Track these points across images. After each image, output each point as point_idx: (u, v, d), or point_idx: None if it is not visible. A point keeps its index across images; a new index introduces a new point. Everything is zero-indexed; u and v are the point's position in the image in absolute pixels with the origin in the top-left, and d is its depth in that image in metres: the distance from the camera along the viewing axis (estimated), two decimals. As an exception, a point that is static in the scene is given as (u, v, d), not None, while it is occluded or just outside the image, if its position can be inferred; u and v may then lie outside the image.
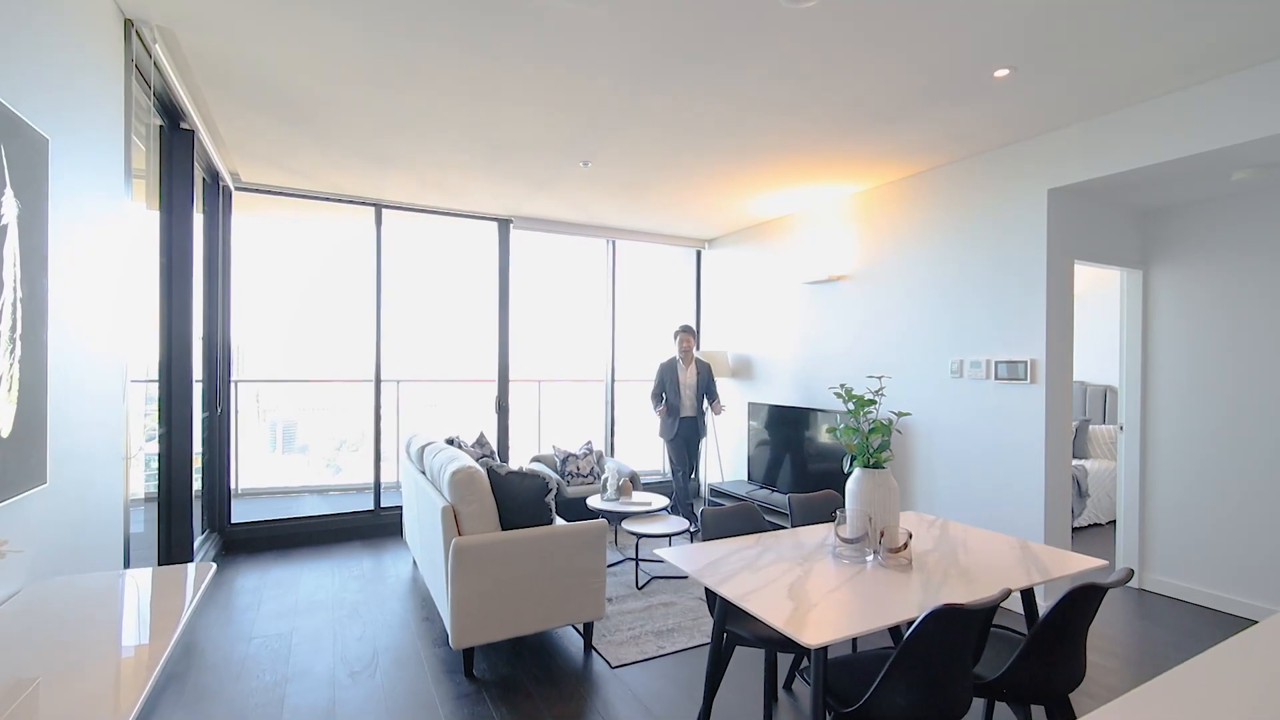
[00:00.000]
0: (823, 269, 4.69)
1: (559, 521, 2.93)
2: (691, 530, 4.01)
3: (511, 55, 2.58)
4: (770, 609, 1.63)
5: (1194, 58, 2.49)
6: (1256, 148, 2.64)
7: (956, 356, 3.77)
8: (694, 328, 5.27)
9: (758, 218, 5.28)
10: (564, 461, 5.25)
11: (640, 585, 3.70)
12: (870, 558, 2.04)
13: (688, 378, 5.10)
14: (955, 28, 2.30)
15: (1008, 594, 1.53)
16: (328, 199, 4.61)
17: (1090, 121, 3.09)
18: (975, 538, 2.35)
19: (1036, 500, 3.34)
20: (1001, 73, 2.62)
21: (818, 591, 1.77)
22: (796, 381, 5.05)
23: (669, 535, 3.72)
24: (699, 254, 6.32)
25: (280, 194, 4.46)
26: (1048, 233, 3.30)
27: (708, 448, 5.99)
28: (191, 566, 1.70)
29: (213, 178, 3.97)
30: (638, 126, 3.31)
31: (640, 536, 3.75)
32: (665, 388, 5.10)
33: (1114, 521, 4.99)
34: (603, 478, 4.32)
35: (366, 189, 4.49)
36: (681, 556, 2.09)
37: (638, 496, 4.29)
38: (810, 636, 1.46)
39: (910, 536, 1.98)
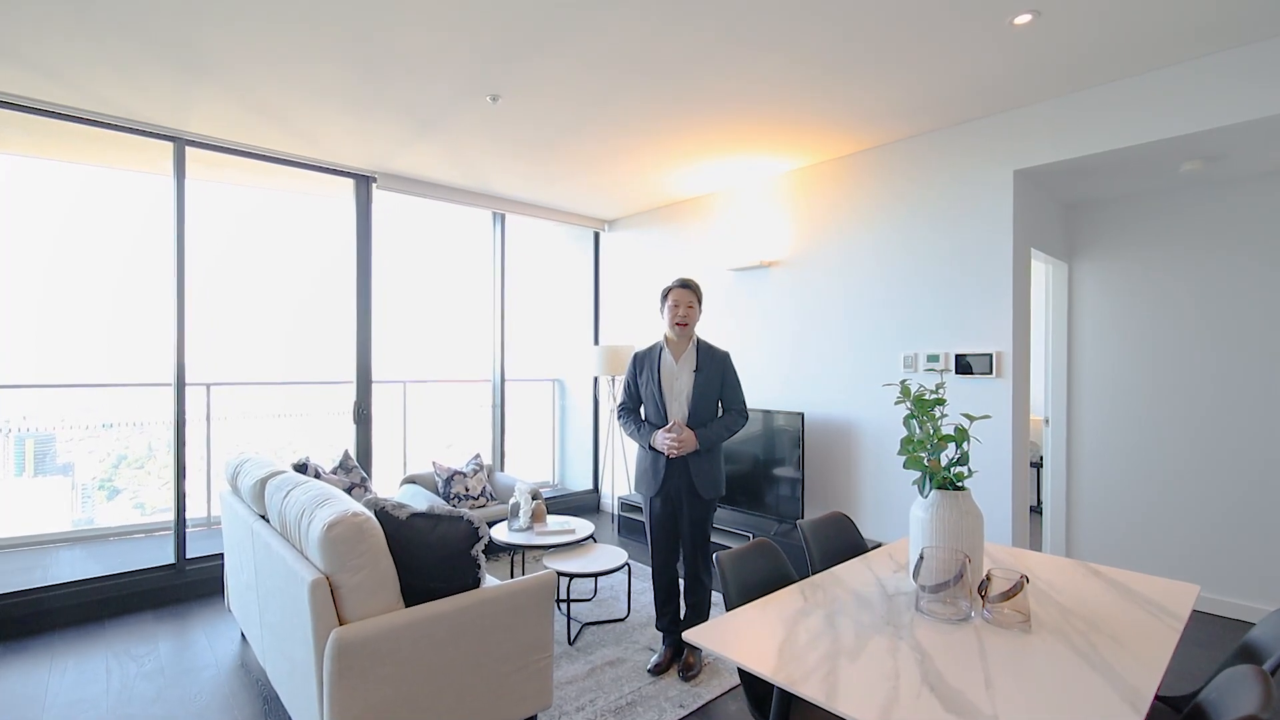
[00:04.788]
0: (753, 254, 4.23)
1: (489, 581, 2.08)
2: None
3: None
4: (954, 744, 1.01)
5: (1198, 28, 2.33)
6: (1237, 132, 2.56)
7: (909, 349, 3.48)
8: (696, 284, 2.73)
9: (674, 196, 4.70)
10: (448, 481, 4.26)
11: (573, 639, 2.93)
12: (973, 613, 1.52)
13: (679, 377, 2.66)
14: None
15: (1270, 682, 1.07)
16: (97, 123, 3.17)
17: (1066, 98, 2.90)
18: (1035, 565, 1.95)
19: (1004, 499, 3.13)
20: (1023, 19, 2.28)
21: (970, 686, 1.19)
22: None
23: (601, 573, 2.98)
24: (597, 236, 5.60)
25: (13, 107, 2.97)
26: (1014, 217, 3.10)
27: (610, 456, 5.30)
28: None
29: (-125, 64, 2.47)
30: (576, 50, 2.54)
31: (571, 576, 2.97)
32: (641, 396, 2.77)
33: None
34: (511, 501, 3.45)
35: (162, 113, 3.16)
36: (734, 645, 1.40)
37: (553, 522, 3.49)
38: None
39: (1027, 580, 1.48)
